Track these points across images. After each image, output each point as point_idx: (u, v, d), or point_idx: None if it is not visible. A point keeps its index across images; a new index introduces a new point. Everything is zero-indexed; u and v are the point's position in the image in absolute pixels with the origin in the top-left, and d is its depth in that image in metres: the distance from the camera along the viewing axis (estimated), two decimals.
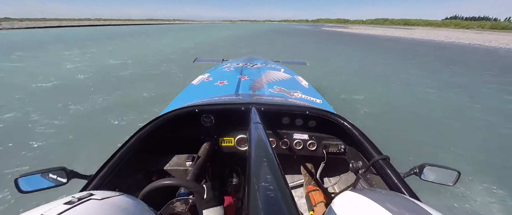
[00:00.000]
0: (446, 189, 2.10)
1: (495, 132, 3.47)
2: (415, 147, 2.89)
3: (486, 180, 2.31)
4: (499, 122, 3.79)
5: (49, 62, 7.89)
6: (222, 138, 1.30)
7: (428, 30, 70.62)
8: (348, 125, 1.04)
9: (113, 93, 4.56)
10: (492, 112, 4.26)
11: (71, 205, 0.40)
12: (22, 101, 4.08)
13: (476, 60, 11.12)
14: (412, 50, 14.74)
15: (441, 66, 8.87)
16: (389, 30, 47.99)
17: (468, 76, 7.28)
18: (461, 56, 12.51)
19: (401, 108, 4.34)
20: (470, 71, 8.18)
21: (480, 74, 7.76)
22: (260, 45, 15.16)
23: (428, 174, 0.79)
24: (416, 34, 35.48)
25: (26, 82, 5.26)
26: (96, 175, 0.77)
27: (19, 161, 2.40)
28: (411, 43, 20.36)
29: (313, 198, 1.18)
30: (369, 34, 31.77)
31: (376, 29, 58.69)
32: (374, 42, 19.53)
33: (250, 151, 0.45)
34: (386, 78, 6.54)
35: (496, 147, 3.01)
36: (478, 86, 6.08)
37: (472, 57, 12.24)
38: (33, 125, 3.19)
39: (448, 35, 34.15)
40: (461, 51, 15.03)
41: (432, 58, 11.06)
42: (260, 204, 0.25)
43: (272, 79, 2.14)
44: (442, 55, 12.72)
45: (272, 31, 34.03)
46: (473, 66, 9.33)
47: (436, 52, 13.80)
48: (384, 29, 59.69)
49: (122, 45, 13.44)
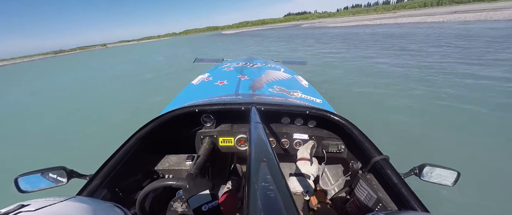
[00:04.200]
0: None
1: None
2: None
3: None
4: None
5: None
6: (222, 137, 1.30)
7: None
8: (348, 125, 1.03)
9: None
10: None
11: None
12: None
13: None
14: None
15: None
16: (239, 30, 75.36)
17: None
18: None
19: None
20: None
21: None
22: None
23: (428, 174, 0.79)
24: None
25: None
26: (96, 175, 0.77)
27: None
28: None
29: (313, 198, 1.18)
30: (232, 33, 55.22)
31: (235, 29, 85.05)
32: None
33: (250, 150, 0.45)
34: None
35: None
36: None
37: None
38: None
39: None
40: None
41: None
42: (260, 204, 0.25)
43: (272, 79, 2.14)
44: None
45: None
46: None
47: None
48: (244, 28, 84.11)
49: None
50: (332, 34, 19.22)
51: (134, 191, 0.94)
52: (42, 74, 17.06)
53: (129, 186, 0.92)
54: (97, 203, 0.49)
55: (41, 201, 0.42)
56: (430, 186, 0.83)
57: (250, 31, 58.24)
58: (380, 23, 29.73)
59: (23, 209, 0.38)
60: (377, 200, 0.81)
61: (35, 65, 36.10)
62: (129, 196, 0.91)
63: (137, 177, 0.99)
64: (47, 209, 0.40)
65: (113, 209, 0.51)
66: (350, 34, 17.29)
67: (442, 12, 42.25)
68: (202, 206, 0.70)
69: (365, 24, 30.14)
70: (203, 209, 0.69)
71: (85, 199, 0.49)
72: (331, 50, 10.32)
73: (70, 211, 0.42)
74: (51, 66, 27.30)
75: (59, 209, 0.41)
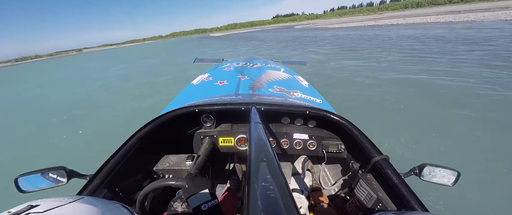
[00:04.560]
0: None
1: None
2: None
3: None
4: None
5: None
6: (222, 137, 1.30)
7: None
8: (348, 125, 1.03)
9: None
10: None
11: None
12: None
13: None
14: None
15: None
16: (227, 32, 75.28)
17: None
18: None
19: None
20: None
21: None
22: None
23: (428, 174, 0.79)
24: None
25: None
26: (96, 175, 0.77)
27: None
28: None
29: (314, 198, 1.18)
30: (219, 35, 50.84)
31: (223, 31, 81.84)
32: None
33: (250, 150, 0.45)
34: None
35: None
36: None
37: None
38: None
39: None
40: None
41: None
42: (260, 204, 0.25)
43: (272, 79, 2.14)
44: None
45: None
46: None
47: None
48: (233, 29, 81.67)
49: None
50: (348, 37, 15.94)
51: (134, 191, 0.94)
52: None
53: (129, 186, 0.92)
54: (105, 204, 0.49)
55: (49, 201, 0.42)
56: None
57: (241, 33, 55.32)
58: (383, 24, 27.15)
59: (32, 210, 0.38)
60: (377, 200, 0.81)
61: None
62: (129, 196, 0.91)
63: (137, 177, 0.99)
64: (56, 211, 0.39)
65: (121, 210, 0.51)
66: (372, 37, 14.29)
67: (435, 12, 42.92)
68: (202, 205, 0.70)
69: (370, 25, 27.63)
70: (203, 208, 0.69)
71: (93, 200, 0.49)
72: (389, 63, 6.59)
73: (79, 213, 0.41)
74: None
75: (68, 211, 0.41)
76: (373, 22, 32.54)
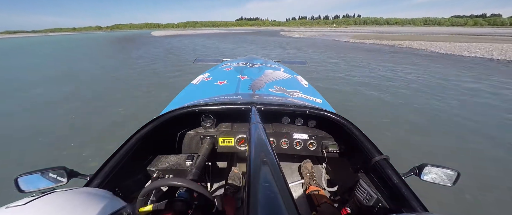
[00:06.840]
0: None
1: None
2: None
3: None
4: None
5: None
6: (222, 137, 1.30)
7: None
8: (348, 125, 1.03)
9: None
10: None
11: (34, 197, 0.42)
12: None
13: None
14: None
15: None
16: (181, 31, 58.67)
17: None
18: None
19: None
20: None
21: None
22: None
23: (428, 174, 0.79)
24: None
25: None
26: (96, 175, 0.77)
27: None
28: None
29: (316, 198, 1.17)
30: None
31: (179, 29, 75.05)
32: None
33: (250, 150, 0.45)
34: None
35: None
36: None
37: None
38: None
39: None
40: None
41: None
42: (260, 204, 0.25)
43: (272, 79, 2.14)
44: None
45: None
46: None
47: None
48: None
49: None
50: (364, 48, 13.32)
51: (134, 191, 0.94)
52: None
53: (129, 186, 0.92)
54: (108, 195, 0.56)
55: (66, 189, 0.50)
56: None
57: (192, 37, 31.69)
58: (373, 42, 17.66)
59: (54, 191, 0.47)
60: (377, 200, 0.81)
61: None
62: (129, 196, 0.91)
63: (137, 177, 0.99)
64: (72, 191, 0.49)
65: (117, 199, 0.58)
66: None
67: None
68: (202, 206, 0.70)
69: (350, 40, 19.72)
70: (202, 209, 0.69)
71: (99, 190, 0.57)
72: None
73: (90, 196, 0.51)
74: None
75: (80, 192, 0.50)
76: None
